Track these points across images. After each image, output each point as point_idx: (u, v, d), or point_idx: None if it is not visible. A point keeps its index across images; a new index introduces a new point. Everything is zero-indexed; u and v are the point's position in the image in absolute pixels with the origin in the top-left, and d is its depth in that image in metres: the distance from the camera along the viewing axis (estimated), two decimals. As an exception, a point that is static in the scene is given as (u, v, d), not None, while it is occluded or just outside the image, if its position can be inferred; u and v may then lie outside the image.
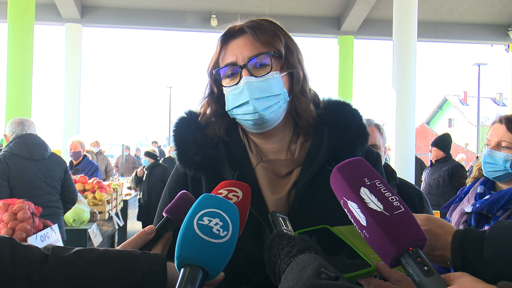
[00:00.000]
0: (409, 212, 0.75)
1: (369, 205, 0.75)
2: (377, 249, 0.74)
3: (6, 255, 0.78)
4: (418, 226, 0.74)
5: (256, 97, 1.06)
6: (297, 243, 0.81)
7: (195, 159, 1.12)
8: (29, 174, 3.63)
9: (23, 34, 7.28)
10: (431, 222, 0.95)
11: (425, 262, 0.70)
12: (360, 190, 0.77)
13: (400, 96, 7.58)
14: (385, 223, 0.73)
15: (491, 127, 1.83)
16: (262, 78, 1.07)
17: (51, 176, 3.77)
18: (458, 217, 1.85)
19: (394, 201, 0.76)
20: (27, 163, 3.64)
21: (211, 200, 0.81)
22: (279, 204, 1.07)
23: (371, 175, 0.80)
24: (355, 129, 1.13)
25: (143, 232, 0.94)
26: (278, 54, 1.10)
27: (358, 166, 0.82)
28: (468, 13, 11.00)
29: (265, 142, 1.15)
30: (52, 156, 3.87)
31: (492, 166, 1.76)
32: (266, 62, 1.08)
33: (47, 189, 3.73)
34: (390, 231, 0.72)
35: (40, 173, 3.70)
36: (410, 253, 0.71)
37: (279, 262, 0.80)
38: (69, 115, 10.37)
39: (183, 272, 0.73)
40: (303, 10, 10.72)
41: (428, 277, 0.68)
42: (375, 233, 0.73)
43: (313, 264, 0.70)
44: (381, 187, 0.78)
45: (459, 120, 37.79)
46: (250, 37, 1.09)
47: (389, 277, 0.83)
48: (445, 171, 5.50)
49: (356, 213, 0.76)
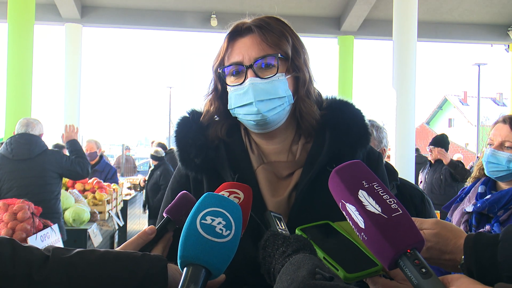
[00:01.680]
0: (407, 215, 0.75)
1: (367, 207, 0.75)
2: (375, 251, 0.75)
3: (6, 256, 0.77)
4: (416, 229, 0.74)
5: (260, 99, 1.05)
6: (291, 243, 0.81)
7: (196, 161, 1.12)
8: (13, 174, 3.63)
9: (23, 34, 7.28)
10: (440, 226, 0.95)
11: (423, 264, 0.70)
12: (358, 192, 0.78)
13: (400, 96, 7.58)
14: (383, 225, 0.73)
15: (493, 127, 1.83)
16: (267, 80, 1.06)
17: (43, 175, 3.70)
18: (459, 217, 1.85)
19: (392, 203, 0.76)
20: (11, 163, 3.65)
21: (214, 199, 0.81)
22: (280, 207, 1.07)
23: (369, 177, 0.81)
24: (356, 130, 1.13)
25: (143, 233, 0.94)
26: (284, 56, 1.09)
27: (356, 169, 0.83)
28: (468, 13, 11.01)
29: (266, 142, 1.15)
30: (43, 154, 3.77)
31: (495, 166, 1.76)
32: (272, 64, 1.07)
33: (38, 189, 3.67)
34: (388, 234, 0.72)
35: (29, 172, 3.65)
36: (408, 256, 0.72)
37: (273, 262, 0.80)
38: (69, 115, 10.37)
39: (186, 272, 0.73)
40: (303, 10, 10.71)
41: (426, 279, 0.69)
42: (373, 236, 0.73)
43: (308, 264, 0.70)
44: (379, 189, 0.78)
45: (459, 120, 37.80)
46: (258, 37, 1.08)
47: (395, 276, 0.83)
48: (446, 169, 5.53)
49: (354, 216, 0.77)
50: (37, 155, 3.73)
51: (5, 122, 7.18)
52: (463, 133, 35.59)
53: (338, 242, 0.90)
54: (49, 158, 3.80)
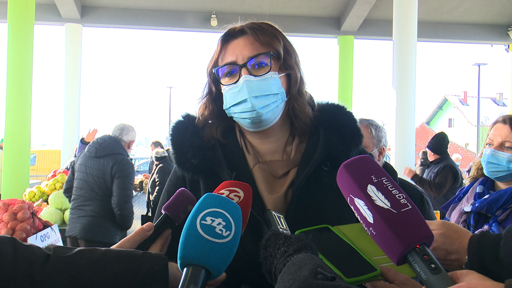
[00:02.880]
0: (416, 210, 0.75)
1: (376, 202, 0.75)
2: (384, 246, 0.74)
3: (8, 255, 0.78)
4: (425, 224, 0.74)
5: (254, 95, 1.08)
6: (293, 242, 0.81)
7: (193, 162, 1.13)
8: (81, 167, 3.94)
9: (23, 34, 7.27)
10: (446, 226, 0.96)
11: (432, 260, 0.70)
12: (367, 187, 0.77)
13: (400, 96, 7.57)
14: (392, 220, 0.72)
15: (493, 127, 1.82)
16: (261, 77, 1.09)
17: (98, 176, 3.87)
18: (457, 216, 1.85)
19: (401, 198, 0.75)
20: (87, 159, 3.95)
21: (214, 200, 0.81)
22: (277, 203, 1.09)
23: (378, 172, 0.80)
24: (349, 130, 1.16)
25: (141, 229, 0.94)
26: (277, 55, 1.12)
27: (365, 164, 0.82)
28: (468, 13, 11.00)
29: (261, 142, 1.17)
30: (107, 156, 3.87)
31: (495, 166, 1.76)
32: (265, 62, 1.10)
33: (92, 186, 3.85)
34: (397, 229, 0.72)
35: (90, 169, 3.89)
36: (417, 251, 0.71)
37: (275, 262, 0.80)
38: (69, 115, 10.36)
39: (186, 272, 0.74)
40: (303, 10, 10.71)
41: (435, 274, 0.69)
42: (382, 231, 0.73)
43: (309, 264, 0.70)
44: (388, 184, 0.78)
45: (459, 120, 37.79)
46: (251, 37, 1.11)
47: (394, 280, 0.83)
48: (434, 173, 5.47)
49: (363, 210, 0.76)
50: (106, 155, 3.88)
51: (5, 122, 7.17)
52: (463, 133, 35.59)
53: (337, 246, 0.90)
54: (108, 160, 3.90)
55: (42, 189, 4.94)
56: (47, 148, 22.81)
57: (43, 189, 4.95)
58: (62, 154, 10.39)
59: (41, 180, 8.55)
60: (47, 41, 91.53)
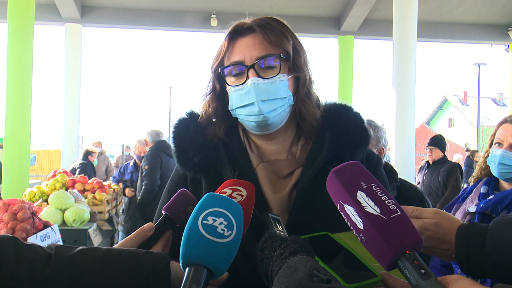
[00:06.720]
0: (405, 216, 0.75)
1: (366, 208, 0.75)
2: (374, 252, 0.75)
3: (10, 255, 0.78)
4: (414, 229, 0.74)
5: (262, 99, 1.04)
6: (289, 244, 0.81)
7: (195, 160, 1.11)
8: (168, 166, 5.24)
9: (23, 34, 7.26)
10: (440, 216, 0.96)
11: (422, 265, 0.70)
12: (357, 193, 0.78)
13: (400, 96, 7.58)
14: (382, 226, 0.73)
15: (500, 127, 1.81)
16: (269, 80, 1.05)
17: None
18: (461, 217, 1.84)
19: (391, 204, 0.76)
20: (168, 159, 5.18)
21: (216, 200, 0.81)
22: (281, 203, 1.07)
23: (368, 178, 0.80)
24: (356, 130, 1.13)
25: (142, 230, 0.93)
26: (286, 56, 1.08)
27: (354, 170, 0.82)
28: (468, 13, 11.00)
29: (266, 143, 1.15)
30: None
31: (506, 168, 1.74)
32: (273, 64, 1.06)
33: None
34: (387, 235, 0.72)
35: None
36: (407, 256, 0.72)
37: (271, 264, 0.80)
38: (69, 115, 10.36)
39: (188, 272, 0.73)
40: (303, 10, 10.71)
41: (425, 279, 0.69)
42: (372, 237, 0.73)
43: (305, 267, 0.70)
44: (378, 190, 0.78)
45: (459, 120, 37.80)
46: (260, 36, 1.07)
47: (395, 286, 0.83)
48: (444, 171, 5.52)
49: (353, 217, 0.76)
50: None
51: (5, 122, 7.17)
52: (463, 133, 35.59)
53: (337, 252, 0.90)
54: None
55: (42, 189, 4.93)
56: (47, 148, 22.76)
57: (43, 189, 4.94)
58: (62, 154, 10.39)
59: (41, 180, 8.55)
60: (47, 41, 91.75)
